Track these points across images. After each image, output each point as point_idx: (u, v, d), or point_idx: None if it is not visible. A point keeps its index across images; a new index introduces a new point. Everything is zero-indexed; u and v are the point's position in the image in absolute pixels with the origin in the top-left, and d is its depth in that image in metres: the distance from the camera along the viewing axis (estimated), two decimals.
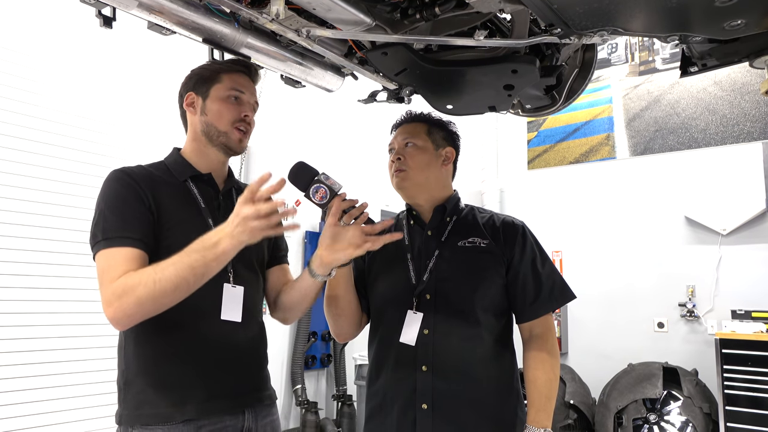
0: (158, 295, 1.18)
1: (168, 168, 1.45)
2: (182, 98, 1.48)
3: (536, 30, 1.54)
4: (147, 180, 1.37)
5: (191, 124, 1.48)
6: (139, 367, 1.32)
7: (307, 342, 4.25)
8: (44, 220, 2.94)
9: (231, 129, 1.44)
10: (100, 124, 3.25)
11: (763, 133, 4.16)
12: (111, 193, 1.33)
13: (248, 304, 1.42)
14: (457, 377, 1.50)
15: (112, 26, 1.43)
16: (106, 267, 1.24)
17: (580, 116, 5.02)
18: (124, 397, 1.33)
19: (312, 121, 4.53)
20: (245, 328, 1.42)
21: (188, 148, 1.49)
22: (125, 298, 1.18)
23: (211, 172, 1.48)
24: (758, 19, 1.25)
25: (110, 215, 1.29)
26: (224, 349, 1.37)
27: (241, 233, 1.19)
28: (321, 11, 1.36)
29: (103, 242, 1.26)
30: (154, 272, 1.19)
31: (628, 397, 3.89)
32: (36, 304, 2.84)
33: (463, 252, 1.58)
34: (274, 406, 1.51)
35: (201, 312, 1.34)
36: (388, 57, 1.61)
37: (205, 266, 1.19)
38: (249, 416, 1.40)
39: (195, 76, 1.48)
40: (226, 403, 1.36)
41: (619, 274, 4.63)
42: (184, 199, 1.41)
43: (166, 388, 1.30)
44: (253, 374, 1.46)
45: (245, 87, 1.48)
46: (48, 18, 3.02)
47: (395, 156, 1.62)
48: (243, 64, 1.51)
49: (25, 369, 2.77)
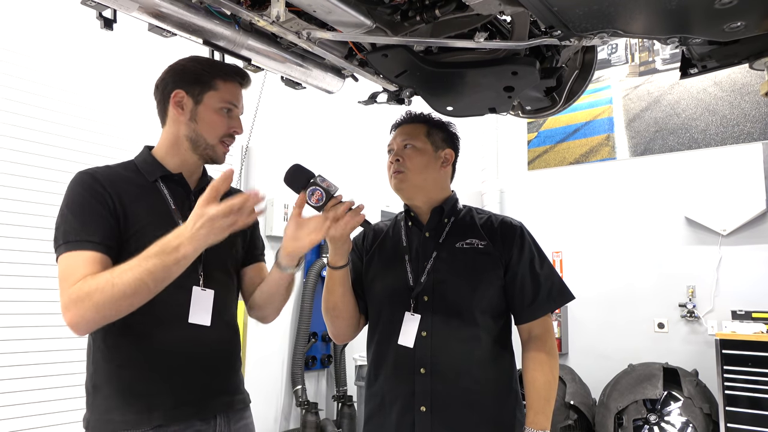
0: (117, 299, 1.15)
1: (137, 168, 1.41)
2: (168, 92, 1.40)
3: (536, 32, 1.54)
4: (113, 181, 1.33)
5: (174, 123, 1.41)
6: (106, 373, 1.30)
7: (308, 343, 4.26)
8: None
9: (219, 143, 1.41)
10: (99, 125, 3.25)
11: (763, 134, 4.16)
12: (73, 197, 1.29)
13: (219, 307, 1.39)
14: (455, 379, 1.50)
15: (112, 28, 1.44)
16: (66, 271, 1.21)
17: (580, 117, 5.02)
18: (92, 402, 1.30)
19: (312, 122, 4.53)
20: (215, 331, 1.38)
21: (163, 147, 1.43)
22: (83, 303, 1.16)
23: (183, 171, 1.43)
24: (758, 21, 1.25)
25: (71, 218, 1.26)
26: (192, 354, 1.34)
27: (205, 235, 1.16)
28: (321, 13, 1.36)
29: (64, 246, 1.24)
30: (112, 276, 1.16)
31: (629, 398, 3.88)
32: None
33: (461, 253, 1.58)
34: (247, 410, 1.48)
35: (168, 316, 1.30)
36: (389, 59, 1.61)
37: (165, 270, 1.16)
38: (221, 421, 1.37)
39: (187, 74, 1.40)
40: (196, 408, 1.33)
41: (619, 274, 4.63)
42: (154, 200, 1.37)
43: (133, 395, 1.28)
44: (224, 378, 1.42)
45: (238, 99, 1.44)
46: (49, 20, 3.03)
47: (394, 157, 1.62)
48: (238, 72, 1.46)
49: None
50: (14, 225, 2.85)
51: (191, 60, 1.44)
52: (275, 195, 4.10)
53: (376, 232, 1.72)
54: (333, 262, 1.47)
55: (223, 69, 1.44)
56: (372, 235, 1.72)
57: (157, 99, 1.44)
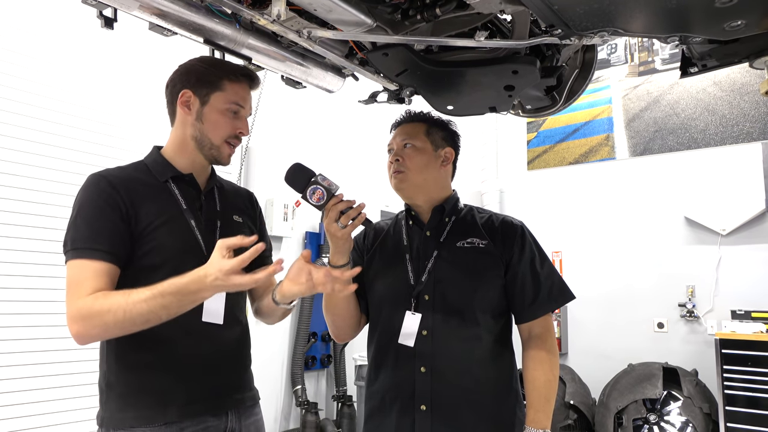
0: (126, 326, 1.18)
1: (148, 168, 1.42)
2: (176, 92, 1.42)
3: (537, 31, 1.54)
4: (126, 183, 1.34)
5: (181, 123, 1.43)
6: (120, 371, 1.32)
7: (307, 343, 4.25)
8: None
9: (224, 144, 1.42)
10: (101, 125, 3.25)
11: (762, 134, 4.17)
12: (85, 201, 1.30)
13: (230, 305, 1.41)
14: (455, 378, 1.50)
15: (113, 27, 1.44)
16: (74, 279, 1.22)
17: (579, 117, 5.02)
18: (106, 400, 1.32)
19: (312, 122, 4.54)
20: (227, 330, 1.40)
21: (171, 147, 1.44)
22: (92, 321, 1.18)
23: (193, 172, 1.44)
24: (758, 19, 1.25)
25: (82, 224, 1.27)
26: (206, 352, 1.36)
27: (222, 288, 1.20)
28: (322, 12, 1.36)
29: (72, 252, 1.25)
30: (126, 303, 1.17)
31: (628, 398, 3.89)
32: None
33: (461, 253, 1.58)
34: (257, 406, 1.51)
35: (182, 315, 1.28)
36: (389, 58, 1.61)
37: (179, 308, 1.20)
38: (232, 417, 1.40)
39: (195, 74, 1.42)
40: (208, 405, 1.35)
41: (618, 274, 4.63)
42: (165, 201, 1.37)
43: (147, 392, 1.30)
44: (236, 376, 1.45)
45: (245, 100, 1.44)
46: (50, 19, 3.03)
47: (394, 157, 1.62)
48: (246, 73, 1.46)
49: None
50: (15, 225, 2.85)
51: (200, 60, 1.45)
52: (275, 195, 4.10)
53: (377, 231, 1.72)
54: (334, 261, 1.47)
55: (231, 70, 1.44)
56: (373, 234, 1.72)
57: (167, 99, 1.46)
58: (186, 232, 1.36)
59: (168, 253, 1.31)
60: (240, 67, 1.49)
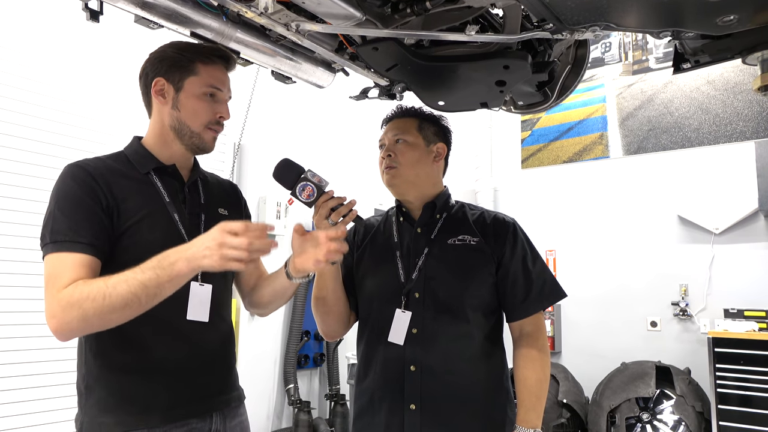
0: (106, 312, 1.10)
1: (129, 159, 1.35)
2: (149, 81, 1.36)
3: (528, 25, 1.53)
4: (105, 174, 1.27)
5: (158, 113, 1.37)
6: (100, 373, 1.25)
7: (300, 341, 4.23)
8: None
9: (204, 130, 1.36)
10: (82, 119, 3.22)
11: (755, 133, 4.17)
12: (63, 192, 1.23)
13: (216, 302, 1.35)
14: (445, 377, 1.48)
15: (99, 20, 1.41)
16: (53, 273, 1.15)
17: (573, 115, 5.02)
18: (85, 403, 1.26)
19: (304, 118, 4.52)
20: (212, 329, 1.35)
21: (151, 138, 1.39)
22: (70, 311, 1.10)
23: (176, 163, 1.38)
24: (751, 14, 1.24)
25: (60, 216, 1.20)
26: (190, 353, 1.31)
27: (206, 257, 1.10)
28: (311, 5, 1.34)
29: (52, 245, 1.17)
30: (105, 286, 1.10)
31: (621, 396, 3.88)
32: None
33: (452, 250, 1.56)
34: (242, 407, 1.46)
35: (165, 312, 1.22)
36: (379, 52, 1.59)
37: (158, 286, 1.11)
38: (217, 419, 1.35)
39: (167, 61, 1.35)
40: (193, 408, 1.30)
41: (612, 273, 4.63)
42: (148, 194, 1.31)
43: (128, 397, 1.24)
44: (221, 376, 1.40)
45: (222, 82, 1.38)
46: (34, 12, 2.99)
47: (385, 152, 1.61)
48: (221, 54, 1.40)
49: None
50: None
51: (170, 46, 1.39)
52: (268, 193, 4.08)
53: (367, 227, 1.71)
54: None
55: (204, 51, 1.38)
56: (363, 231, 1.70)
57: (141, 90, 1.41)
58: (169, 226, 1.31)
59: (150, 247, 1.23)
60: (213, 47, 1.42)
